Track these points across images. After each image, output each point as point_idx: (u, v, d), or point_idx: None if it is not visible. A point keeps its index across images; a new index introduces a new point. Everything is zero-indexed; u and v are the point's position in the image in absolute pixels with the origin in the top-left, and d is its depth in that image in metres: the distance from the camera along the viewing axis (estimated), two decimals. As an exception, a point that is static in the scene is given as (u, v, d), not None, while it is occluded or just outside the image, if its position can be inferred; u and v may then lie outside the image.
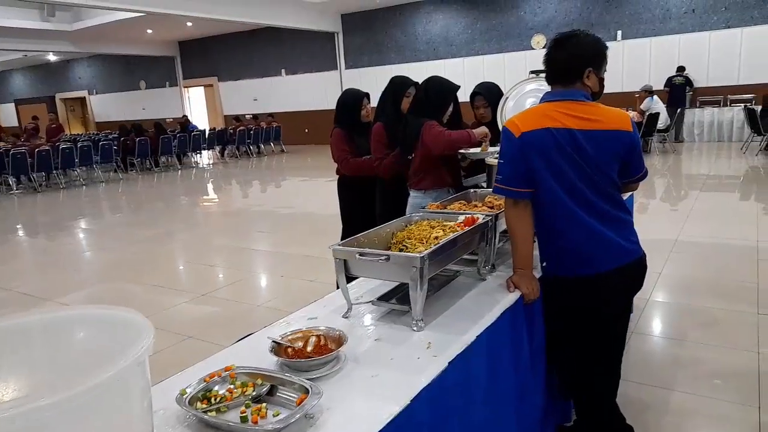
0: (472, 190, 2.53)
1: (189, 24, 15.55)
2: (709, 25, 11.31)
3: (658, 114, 10.14)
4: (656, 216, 6.18)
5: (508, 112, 3.06)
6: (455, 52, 14.35)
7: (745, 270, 4.05)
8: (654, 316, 3.43)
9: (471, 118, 3.21)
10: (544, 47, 12.59)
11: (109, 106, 22.22)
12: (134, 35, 17.12)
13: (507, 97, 3.06)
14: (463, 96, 2.82)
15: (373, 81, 12.14)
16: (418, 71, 3.09)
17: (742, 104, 10.42)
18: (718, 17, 11.21)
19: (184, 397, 1.17)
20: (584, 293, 1.87)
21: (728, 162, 9.48)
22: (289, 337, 1.42)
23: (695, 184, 7.84)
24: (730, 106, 11.10)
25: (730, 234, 5.05)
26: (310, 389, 1.16)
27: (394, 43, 15.32)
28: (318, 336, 1.43)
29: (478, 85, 3.13)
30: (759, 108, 9.66)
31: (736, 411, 2.36)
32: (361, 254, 1.65)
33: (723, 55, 11.19)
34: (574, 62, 1.83)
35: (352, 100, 3.44)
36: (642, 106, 10.23)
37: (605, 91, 1.95)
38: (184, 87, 20.24)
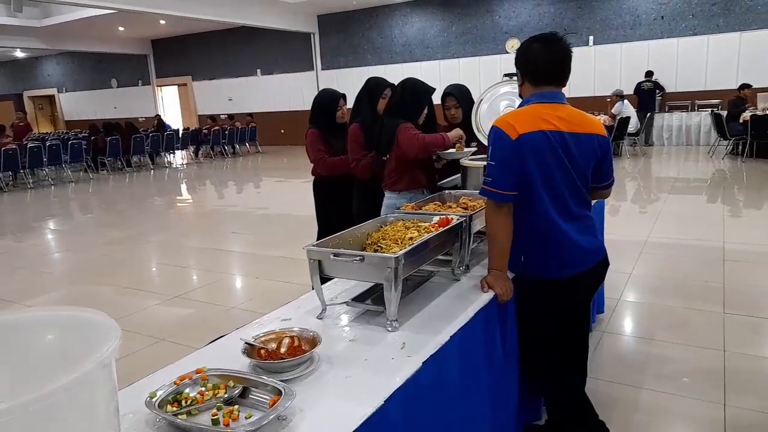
0: (447, 191, 2.54)
1: (162, 22, 15.30)
2: (677, 32, 11.61)
3: (628, 118, 10.36)
4: (627, 218, 6.32)
5: (482, 115, 3.09)
6: (431, 55, 14.44)
7: (711, 270, 4.17)
8: (624, 315, 3.50)
9: (441, 118, 3.22)
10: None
11: (79, 105, 21.70)
12: (106, 33, 16.75)
13: (481, 100, 3.09)
14: (438, 99, 2.84)
15: (349, 82, 12.14)
16: (395, 73, 3.09)
17: (709, 109, 10.72)
18: (686, 24, 11.52)
19: (154, 400, 1.15)
20: (564, 294, 1.91)
21: (696, 165, 9.74)
22: (262, 339, 1.41)
23: (664, 186, 8.04)
24: (698, 110, 11.40)
25: (698, 235, 5.18)
26: (283, 391, 1.15)
27: (371, 45, 15.33)
28: (291, 337, 1.42)
29: (450, 86, 3.14)
30: (725, 113, 9.95)
31: (703, 408, 2.43)
32: (335, 255, 1.65)
33: (690, 61, 11.50)
34: (567, 64, 1.85)
35: (328, 100, 3.43)
36: (613, 111, 10.44)
37: (578, 96, 1.99)
38: (157, 86, 19.89)
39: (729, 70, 11.10)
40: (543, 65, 1.86)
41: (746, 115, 9.33)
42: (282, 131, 16.54)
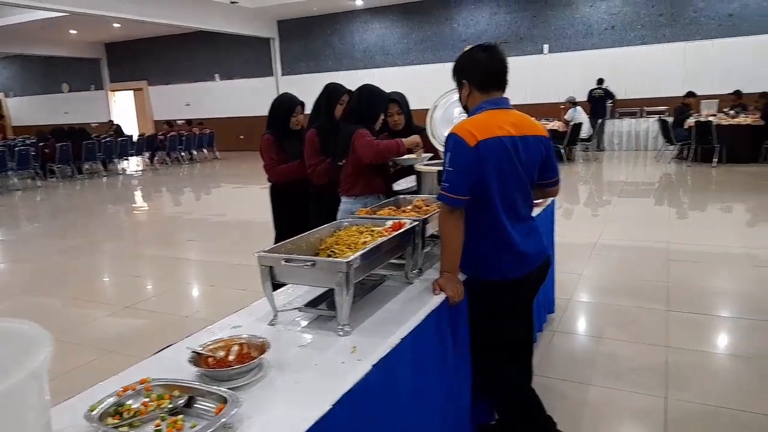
0: (402, 196, 2.57)
1: (116, 25, 14.87)
2: (627, 41, 12.07)
3: (581, 124, 10.69)
4: (579, 220, 6.51)
5: (436, 121, 3.14)
6: (392, 61, 14.55)
7: (657, 270, 4.34)
8: (575, 315, 3.61)
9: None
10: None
11: (29, 110, 20.81)
12: (56, 35, 16.16)
13: (436, 106, 3.14)
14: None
15: (310, 88, 11.99)
16: (356, 79, 3.11)
17: (657, 116, 11.18)
18: (635, 34, 12.00)
19: (94, 413, 1.12)
20: (513, 295, 1.97)
21: (644, 169, 10.13)
22: (211, 347, 1.40)
23: (614, 190, 8.34)
24: (646, 117, 11.87)
25: (645, 237, 5.39)
26: (228, 399, 1.15)
27: (332, 51, 15.33)
28: (240, 344, 1.41)
29: (393, 92, 3.14)
30: (671, 119, 10.40)
31: (646, 401, 2.53)
32: (287, 260, 1.65)
33: (639, 69, 11.96)
34: (507, 71, 1.94)
35: (285, 105, 3.43)
36: (566, 117, 10.77)
37: (533, 103, 2.07)
38: (111, 90, 19.32)
39: (675, 79, 11.61)
40: (491, 72, 1.93)
41: (690, 121, 9.78)
42: (241, 137, 16.31)
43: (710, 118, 9.53)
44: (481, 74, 1.93)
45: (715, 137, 9.24)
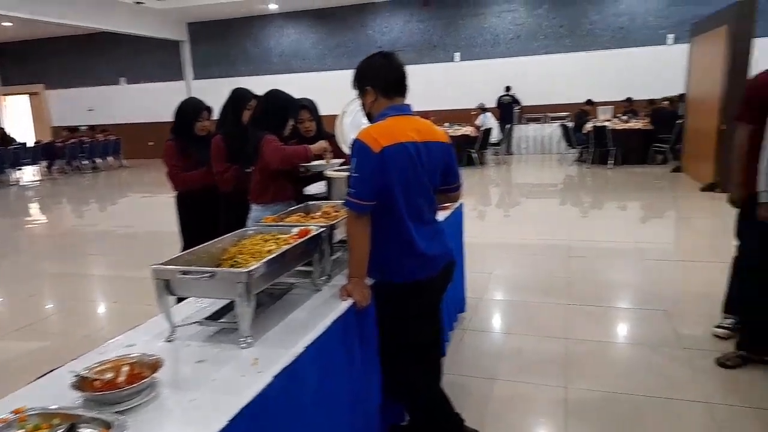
0: (312, 202, 2.56)
1: (7, 24, 13.67)
2: (531, 50, 12.77)
3: (491, 129, 11.17)
4: (490, 222, 6.79)
5: (346, 127, 3.16)
6: (308, 67, 14.45)
7: (559, 266, 4.62)
8: (484, 313, 3.74)
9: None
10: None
11: None
12: (-66, 33, 14.64)
13: (345, 112, 3.15)
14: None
15: (224, 92, 11.64)
16: (271, 84, 3.05)
17: (559, 121, 11.91)
18: (539, 44, 12.72)
19: (-44, 450, 1.02)
20: (419, 297, 2.01)
21: (549, 172, 10.74)
22: (97, 369, 1.32)
23: (523, 191, 8.79)
24: (550, 122, 12.61)
25: (550, 235, 5.72)
26: (113, 423, 1.09)
27: (246, 55, 15.00)
28: (131, 364, 1.34)
29: (303, 99, 3.11)
30: (572, 125, 11.12)
31: (548, 392, 2.68)
32: (183, 273, 1.59)
33: (543, 77, 12.69)
34: (406, 77, 1.99)
35: (190, 109, 3.34)
36: (477, 122, 11.22)
37: (445, 108, 2.13)
38: (3, 95, 17.72)
39: (575, 86, 12.41)
40: (395, 79, 1.98)
41: (588, 126, 10.51)
42: (151, 144, 15.52)
43: (606, 124, 10.29)
44: (385, 80, 1.97)
45: (611, 141, 9.98)
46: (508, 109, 12.33)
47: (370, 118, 2.05)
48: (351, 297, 1.88)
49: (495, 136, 11.41)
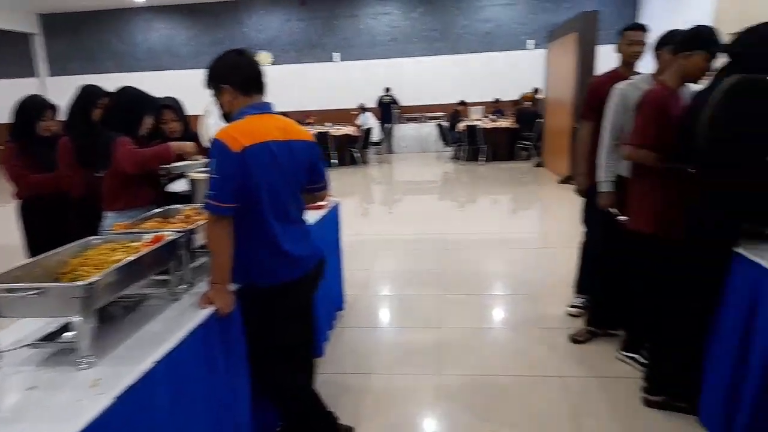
0: (174, 206, 2.41)
1: None
2: (407, 52, 13.18)
3: (371, 129, 11.37)
4: (371, 218, 6.91)
5: (210, 128, 3.03)
6: (181, 64, 13.68)
7: (435, 259, 4.82)
8: (363, 309, 3.79)
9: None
10: (272, 64, 12.99)
11: None
12: None
13: (208, 111, 3.03)
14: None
15: (82, 91, 10.67)
16: (140, 82, 2.82)
17: (435, 121, 12.43)
18: (413, 47, 13.16)
19: None
20: (288, 298, 1.98)
21: (428, 169, 11.16)
22: None
23: (403, 188, 9.05)
24: (427, 122, 13.12)
25: (427, 229, 5.94)
26: None
27: (110, 51, 13.85)
28: (-64, 400, 1.16)
29: (166, 98, 2.95)
30: (447, 124, 11.66)
31: (423, 380, 2.77)
32: (9, 290, 1.41)
33: (419, 78, 13.17)
34: (263, 74, 1.94)
35: (32, 108, 3.02)
36: (357, 122, 11.37)
37: (325, 108, 2.09)
38: None
39: (449, 87, 13.04)
40: (254, 76, 1.93)
41: (462, 125, 11.09)
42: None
43: (477, 123, 10.93)
44: (242, 77, 1.91)
45: (482, 139, 10.62)
46: (388, 109, 12.63)
47: (228, 117, 1.97)
48: (213, 304, 1.80)
49: (376, 135, 11.63)
